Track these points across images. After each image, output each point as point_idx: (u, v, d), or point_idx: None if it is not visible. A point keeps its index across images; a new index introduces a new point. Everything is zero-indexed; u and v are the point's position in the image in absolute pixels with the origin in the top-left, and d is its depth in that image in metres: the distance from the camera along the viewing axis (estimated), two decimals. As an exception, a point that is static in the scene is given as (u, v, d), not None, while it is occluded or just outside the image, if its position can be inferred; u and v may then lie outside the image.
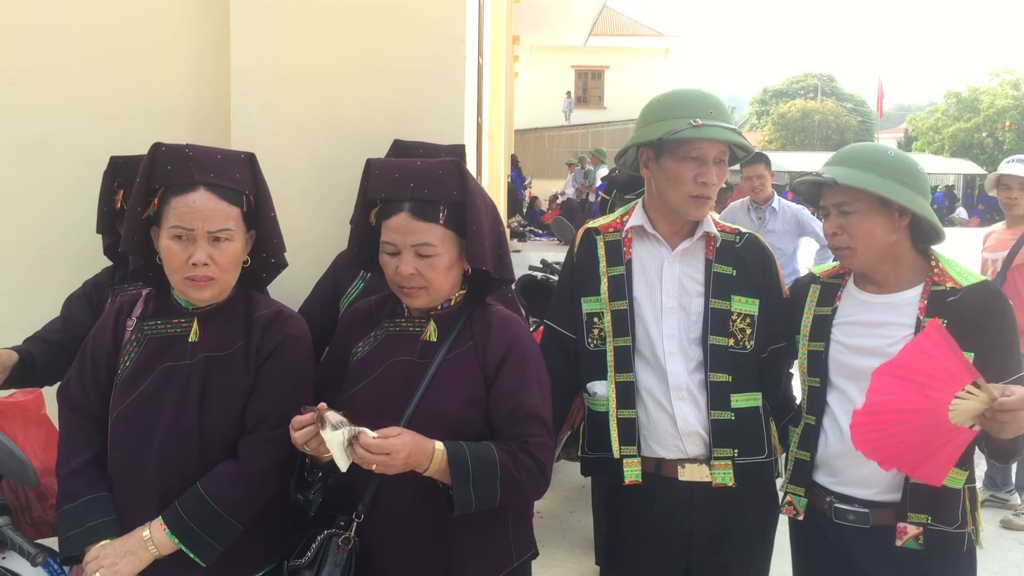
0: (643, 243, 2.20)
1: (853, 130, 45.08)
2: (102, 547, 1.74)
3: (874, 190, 1.91)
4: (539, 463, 1.79)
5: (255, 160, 1.90)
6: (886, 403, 1.72)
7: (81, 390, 1.87)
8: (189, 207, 1.75)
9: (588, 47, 23.65)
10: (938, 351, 1.67)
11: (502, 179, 9.17)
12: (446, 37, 2.84)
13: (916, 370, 1.68)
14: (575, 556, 3.96)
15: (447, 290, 1.87)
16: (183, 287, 1.81)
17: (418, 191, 1.80)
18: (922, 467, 1.75)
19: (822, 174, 2.00)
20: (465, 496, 1.70)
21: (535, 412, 1.82)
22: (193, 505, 1.75)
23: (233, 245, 1.81)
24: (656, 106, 2.17)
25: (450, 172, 1.83)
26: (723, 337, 2.11)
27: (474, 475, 1.71)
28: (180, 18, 2.96)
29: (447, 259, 1.83)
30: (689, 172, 2.07)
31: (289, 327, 1.90)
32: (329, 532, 1.78)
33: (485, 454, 1.74)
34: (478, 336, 1.86)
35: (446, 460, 1.70)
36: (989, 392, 1.67)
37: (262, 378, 1.84)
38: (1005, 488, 4.62)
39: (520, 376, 1.84)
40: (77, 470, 1.82)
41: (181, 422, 1.79)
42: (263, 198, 1.89)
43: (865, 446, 1.76)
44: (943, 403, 1.68)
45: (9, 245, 2.97)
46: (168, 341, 1.85)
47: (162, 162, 1.78)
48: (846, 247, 1.98)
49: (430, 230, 1.80)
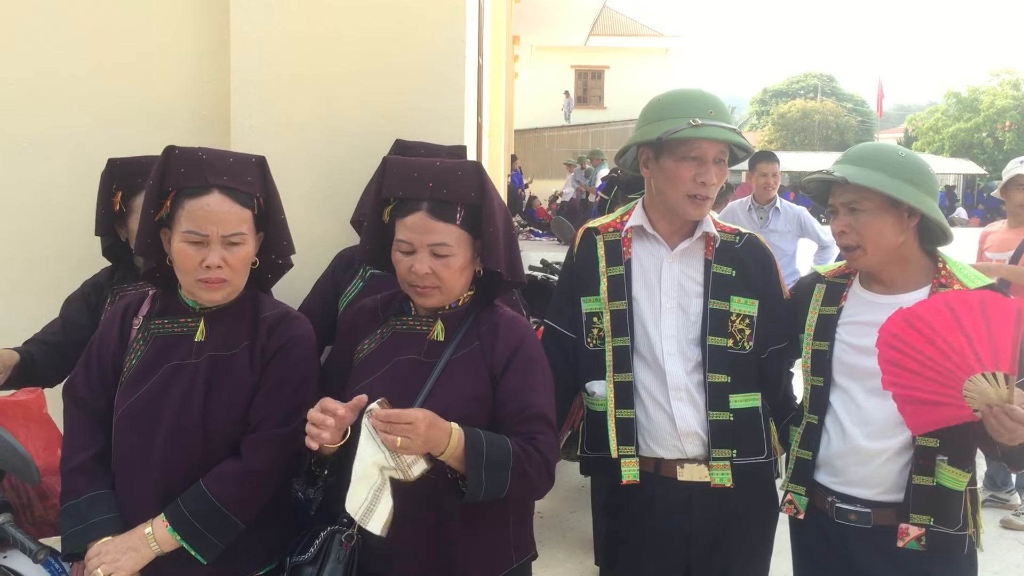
0: (642, 243, 2.20)
1: (853, 130, 45.11)
2: (104, 544, 1.75)
3: (884, 190, 1.91)
4: (547, 461, 1.80)
5: (265, 163, 1.92)
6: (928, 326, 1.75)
7: (87, 387, 1.88)
8: (203, 210, 1.77)
9: (588, 47, 23.65)
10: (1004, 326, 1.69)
11: (502, 179, 9.18)
12: (446, 37, 2.84)
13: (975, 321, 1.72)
14: (575, 556, 3.96)
15: (459, 290, 1.87)
16: (195, 289, 1.82)
17: (437, 191, 1.80)
18: (910, 406, 1.79)
19: (832, 172, 1.99)
20: (477, 481, 1.69)
21: (541, 412, 1.82)
22: (196, 502, 1.76)
23: (245, 248, 1.82)
24: (656, 106, 2.17)
25: (469, 173, 1.84)
26: (722, 338, 2.11)
27: (488, 460, 1.70)
28: (180, 19, 2.96)
29: (461, 260, 1.83)
30: (688, 172, 2.07)
31: (295, 328, 1.92)
32: (332, 529, 1.78)
33: (499, 442, 1.74)
34: (485, 336, 1.87)
35: (463, 442, 1.70)
36: (1011, 392, 1.68)
37: (267, 377, 1.86)
38: (1005, 488, 4.63)
39: (527, 377, 1.84)
40: (81, 466, 1.83)
41: (185, 420, 1.79)
42: (273, 201, 1.91)
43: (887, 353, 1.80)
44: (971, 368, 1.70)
45: (9, 245, 2.97)
46: (175, 340, 1.86)
47: (175, 165, 1.79)
48: (855, 246, 1.98)
49: (447, 230, 1.80)
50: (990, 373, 1.68)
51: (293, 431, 1.82)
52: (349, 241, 2.72)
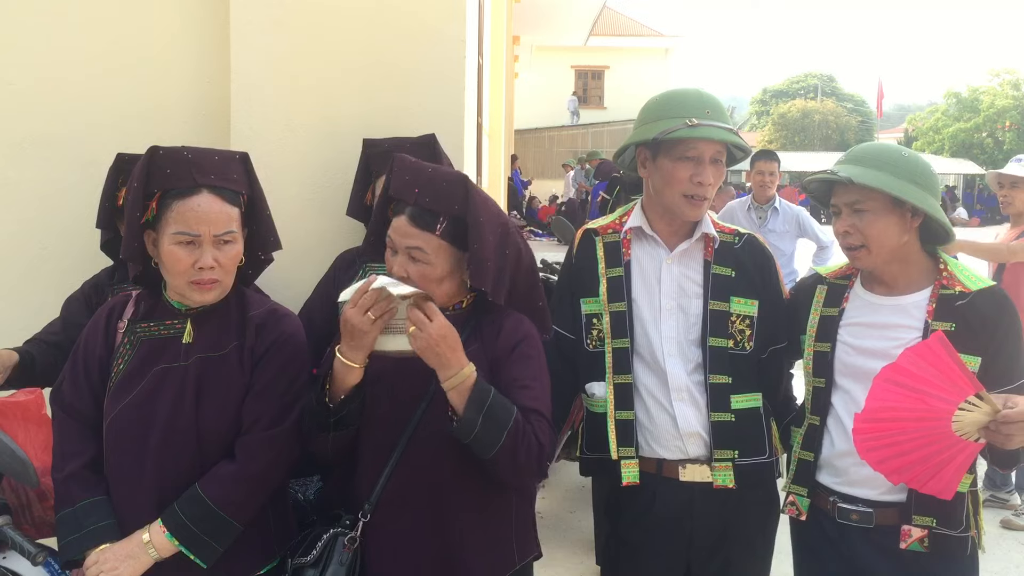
0: (642, 244, 2.19)
1: (853, 130, 45.08)
2: (102, 551, 1.74)
3: (889, 190, 1.90)
4: (540, 446, 1.76)
5: (249, 159, 1.90)
6: (886, 409, 1.70)
7: (75, 392, 1.86)
8: (194, 211, 1.74)
9: (588, 47, 23.64)
10: (940, 362, 1.65)
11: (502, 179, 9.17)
12: (446, 37, 2.84)
13: (917, 377, 1.67)
14: (575, 556, 3.96)
15: (440, 299, 1.82)
16: (186, 291, 1.80)
17: (421, 198, 1.78)
18: (931, 482, 1.73)
19: (837, 172, 1.98)
20: (472, 421, 1.67)
21: (534, 405, 1.79)
22: (192, 507, 1.75)
23: (236, 247, 1.81)
24: (653, 106, 2.17)
25: (455, 184, 1.79)
26: (722, 339, 2.11)
27: (488, 408, 1.68)
28: (180, 19, 2.96)
29: (439, 270, 1.80)
30: (685, 172, 2.06)
31: (283, 326, 1.90)
32: (335, 531, 1.77)
33: (506, 403, 1.73)
34: (488, 337, 1.86)
35: (472, 380, 1.69)
36: (992, 404, 1.66)
37: (257, 377, 1.84)
38: (1005, 488, 4.62)
39: (523, 367, 1.83)
40: (73, 474, 1.81)
41: (178, 423, 1.78)
42: (257, 197, 1.90)
43: (870, 455, 1.75)
44: (946, 412, 1.66)
45: (9, 245, 2.96)
46: (161, 343, 1.84)
47: (161, 165, 1.76)
48: (859, 246, 1.97)
49: (426, 238, 1.77)
50: (965, 403, 1.67)
51: (287, 430, 1.81)
52: (349, 241, 2.71)
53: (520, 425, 1.72)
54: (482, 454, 1.71)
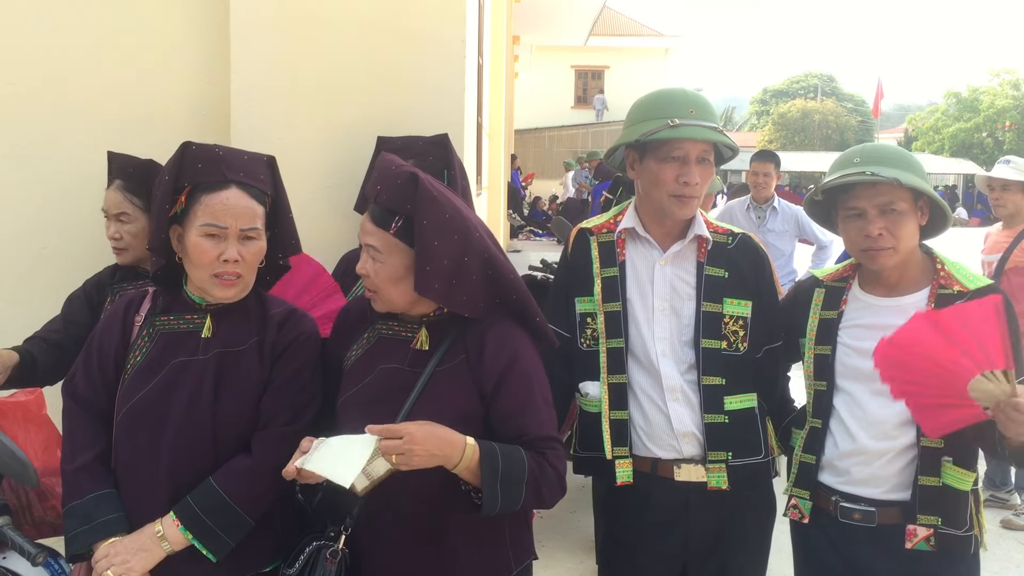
0: (635, 245, 2.19)
1: (853, 130, 45.10)
2: (112, 544, 1.72)
3: (927, 190, 1.93)
4: (558, 473, 1.77)
5: (275, 162, 1.93)
6: (917, 345, 1.75)
7: (88, 385, 1.86)
8: (223, 204, 1.77)
9: (588, 47, 23.67)
10: (986, 325, 1.69)
11: (502, 179, 9.17)
12: (446, 38, 2.84)
13: (958, 331, 1.71)
14: (575, 556, 3.96)
15: (398, 301, 1.79)
16: (209, 285, 1.81)
17: (380, 196, 1.77)
18: (925, 414, 1.80)
19: (879, 173, 1.92)
20: (493, 495, 1.66)
21: (543, 433, 1.78)
22: (206, 500, 1.74)
23: (260, 243, 1.83)
24: (639, 107, 2.18)
25: (406, 183, 1.73)
26: (715, 340, 2.10)
27: (503, 473, 1.67)
28: (181, 20, 2.97)
29: (391, 269, 1.75)
30: (671, 172, 2.06)
31: (304, 324, 1.91)
32: (318, 543, 1.75)
33: (514, 454, 1.71)
34: (472, 350, 1.79)
35: (478, 455, 1.66)
36: (1012, 384, 1.68)
37: (276, 373, 1.85)
38: (1005, 488, 4.63)
39: (526, 396, 1.78)
40: (84, 466, 1.80)
41: (194, 416, 1.78)
42: (282, 200, 1.93)
43: (885, 372, 1.80)
44: (969, 372, 1.71)
45: (9, 245, 2.97)
46: (180, 337, 1.85)
47: (192, 160, 1.79)
48: (889, 247, 1.95)
49: (380, 236, 1.75)
50: (989, 372, 1.69)
51: (303, 427, 1.81)
52: (351, 242, 2.72)
53: (534, 468, 1.72)
54: (511, 510, 1.71)
